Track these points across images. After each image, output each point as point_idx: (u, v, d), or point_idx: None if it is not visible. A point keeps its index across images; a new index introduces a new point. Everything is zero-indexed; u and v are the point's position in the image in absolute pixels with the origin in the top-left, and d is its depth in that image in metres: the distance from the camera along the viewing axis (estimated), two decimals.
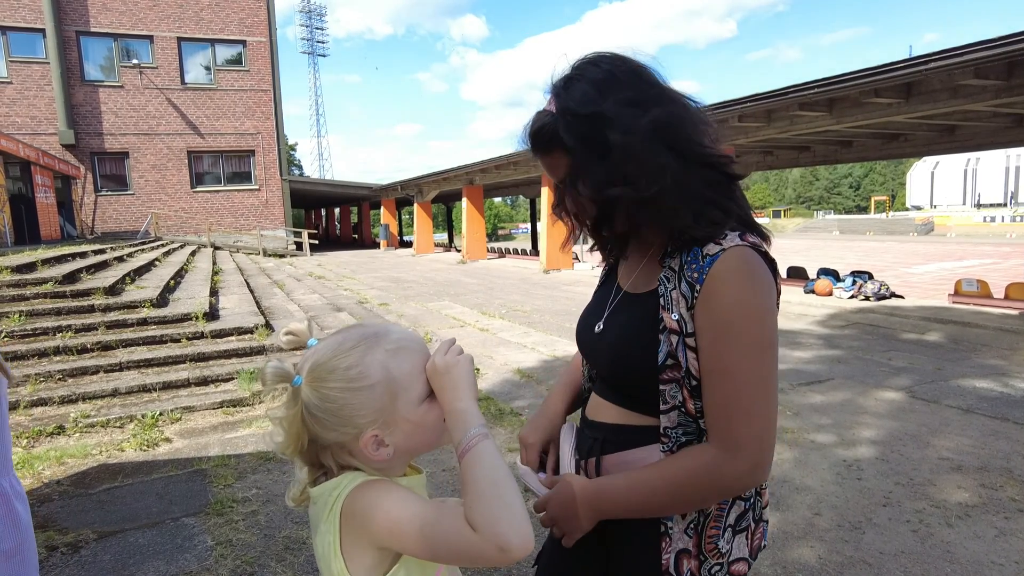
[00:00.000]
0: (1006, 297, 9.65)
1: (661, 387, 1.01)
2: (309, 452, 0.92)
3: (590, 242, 1.21)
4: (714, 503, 1.02)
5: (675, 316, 0.99)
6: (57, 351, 5.82)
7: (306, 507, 0.96)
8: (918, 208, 58.84)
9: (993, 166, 51.47)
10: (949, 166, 55.37)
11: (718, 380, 0.95)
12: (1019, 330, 7.62)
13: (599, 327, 1.16)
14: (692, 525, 1.03)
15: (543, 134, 1.02)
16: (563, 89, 1.02)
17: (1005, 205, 48.91)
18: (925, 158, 51.43)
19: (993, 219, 45.01)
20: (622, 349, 1.08)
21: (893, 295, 10.92)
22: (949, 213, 51.38)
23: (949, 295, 10.71)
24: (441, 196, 28.38)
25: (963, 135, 10.54)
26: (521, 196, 46.27)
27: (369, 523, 0.85)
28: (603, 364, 1.15)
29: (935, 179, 57.14)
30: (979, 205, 52.55)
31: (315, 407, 0.87)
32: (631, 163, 0.97)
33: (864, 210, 79.92)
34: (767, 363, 0.95)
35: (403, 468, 0.98)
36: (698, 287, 0.97)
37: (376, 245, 33.89)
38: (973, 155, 49.84)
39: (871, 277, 11.51)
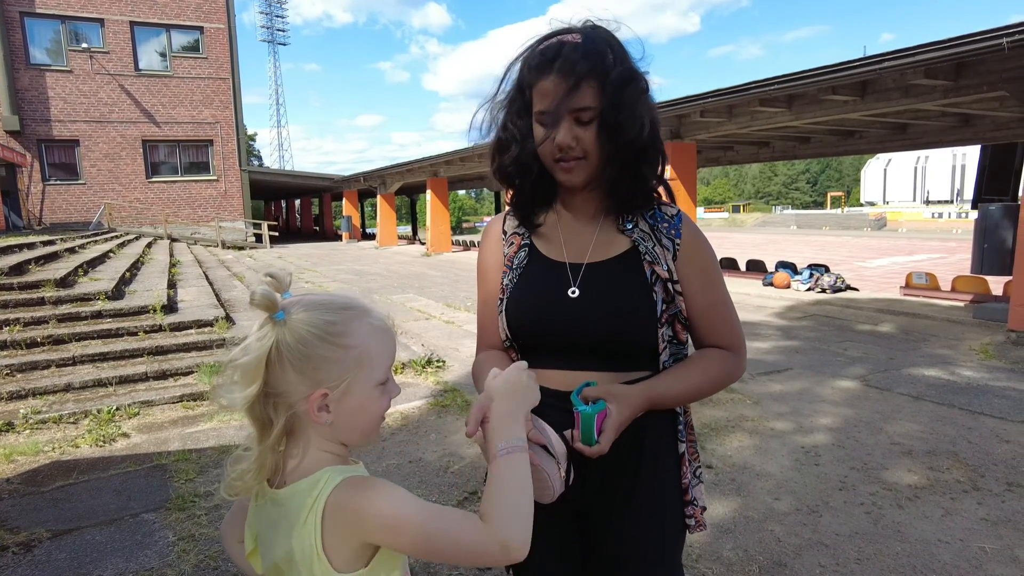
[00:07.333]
0: (953, 289, 10.06)
1: (660, 330, 1.19)
2: (259, 407, 0.88)
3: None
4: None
5: (664, 267, 1.19)
6: (4, 346, 5.59)
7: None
8: (872, 204, 60.54)
9: (941, 164, 53.25)
10: (901, 164, 57.08)
11: (718, 308, 1.24)
12: (965, 321, 7.96)
13: (575, 292, 1.19)
14: (691, 440, 1.29)
15: (591, 58, 1.07)
16: (608, 33, 1.14)
17: (951, 202, 50.66)
18: (879, 155, 52.98)
19: (940, 215, 46.74)
20: (623, 304, 1.17)
21: (848, 288, 11.26)
22: (900, 209, 53.11)
23: (900, 288, 11.10)
24: (405, 188, 28.10)
25: (914, 133, 10.90)
26: (485, 189, 46.15)
27: (362, 521, 0.84)
28: (593, 327, 1.16)
29: (888, 176, 58.84)
30: (928, 202, 54.36)
31: (286, 346, 0.86)
32: (650, 112, 1.14)
33: (820, 205, 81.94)
34: None
35: (345, 454, 0.95)
36: (678, 241, 1.21)
37: (338, 237, 33.40)
38: (922, 153, 51.47)
39: (827, 270, 11.85)
